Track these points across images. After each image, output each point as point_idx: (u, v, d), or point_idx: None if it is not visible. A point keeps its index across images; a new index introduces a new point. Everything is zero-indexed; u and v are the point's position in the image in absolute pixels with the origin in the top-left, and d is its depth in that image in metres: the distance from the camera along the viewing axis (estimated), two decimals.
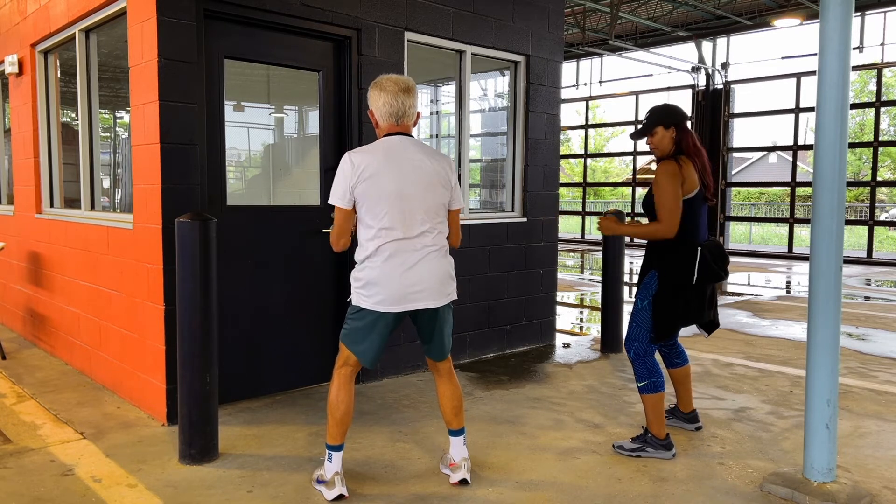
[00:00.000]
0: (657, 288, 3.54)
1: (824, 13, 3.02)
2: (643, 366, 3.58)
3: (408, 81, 3.07)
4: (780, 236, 18.33)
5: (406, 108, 3.04)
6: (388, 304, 2.99)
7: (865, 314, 8.16)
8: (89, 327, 4.90)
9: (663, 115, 3.60)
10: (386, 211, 2.95)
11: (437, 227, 3.07)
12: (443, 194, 3.08)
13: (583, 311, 8.97)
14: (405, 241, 2.98)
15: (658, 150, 3.61)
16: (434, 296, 3.05)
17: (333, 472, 3.09)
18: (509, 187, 5.95)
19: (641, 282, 3.66)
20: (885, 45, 14.96)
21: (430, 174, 3.03)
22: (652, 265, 3.61)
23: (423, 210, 3.01)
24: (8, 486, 3.17)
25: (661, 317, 3.53)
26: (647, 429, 3.61)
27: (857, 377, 5.21)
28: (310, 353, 4.69)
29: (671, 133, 3.56)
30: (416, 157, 3.03)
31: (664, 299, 3.52)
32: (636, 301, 3.64)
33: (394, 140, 3.04)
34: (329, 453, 3.11)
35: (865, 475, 3.38)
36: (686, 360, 3.95)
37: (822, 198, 3.07)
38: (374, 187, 2.94)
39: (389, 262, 2.97)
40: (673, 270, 3.52)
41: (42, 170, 5.66)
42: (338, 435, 3.10)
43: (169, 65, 3.85)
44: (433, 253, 3.04)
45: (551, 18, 5.97)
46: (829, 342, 3.10)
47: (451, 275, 3.14)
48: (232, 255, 4.25)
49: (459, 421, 3.26)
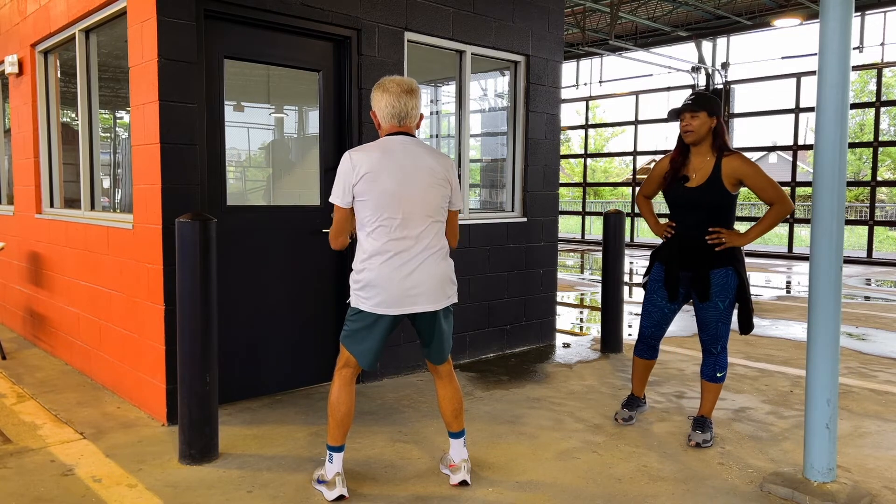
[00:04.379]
0: (738, 282, 3.59)
1: (824, 13, 3.02)
2: (726, 358, 3.75)
3: (411, 83, 3.06)
4: (780, 236, 18.33)
5: (408, 109, 3.03)
6: (387, 307, 2.98)
7: (865, 314, 8.16)
8: (89, 327, 4.90)
9: (713, 103, 3.60)
10: (385, 211, 2.94)
11: (437, 228, 3.05)
12: (443, 195, 3.06)
13: (583, 311, 8.97)
14: (404, 242, 2.97)
15: (693, 134, 3.58)
16: (433, 298, 3.03)
17: (334, 472, 3.09)
18: (509, 187, 5.95)
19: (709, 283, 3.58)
20: (885, 45, 14.97)
21: (429, 174, 3.01)
22: (722, 263, 3.57)
23: (423, 210, 2.99)
24: (8, 486, 3.17)
25: (748, 308, 3.63)
26: (706, 416, 3.81)
27: (857, 377, 5.21)
28: (310, 353, 4.69)
29: (712, 122, 3.57)
30: (417, 156, 3.01)
31: (744, 291, 3.61)
32: (716, 303, 3.60)
33: (395, 140, 3.03)
34: (330, 454, 3.10)
35: (865, 475, 3.38)
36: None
37: (822, 198, 3.07)
38: (373, 187, 2.93)
39: (388, 263, 2.96)
40: (743, 263, 3.63)
41: (42, 170, 5.66)
42: (339, 436, 3.10)
43: (169, 65, 3.85)
44: (433, 255, 3.02)
45: (551, 18, 5.97)
46: (829, 342, 3.09)
47: (451, 277, 3.12)
48: (232, 255, 4.25)
49: (459, 423, 3.25)
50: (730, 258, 3.57)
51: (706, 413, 3.82)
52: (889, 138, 25.09)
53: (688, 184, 3.63)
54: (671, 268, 3.73)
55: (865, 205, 17.22)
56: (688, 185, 3.63)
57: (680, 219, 3.72)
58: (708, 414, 3.82)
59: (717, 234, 3.55)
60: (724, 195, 3.56)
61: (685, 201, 3.66)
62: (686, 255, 3.66)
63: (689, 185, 3.62)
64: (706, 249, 3.59)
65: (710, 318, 3.64)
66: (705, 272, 3.59)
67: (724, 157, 3.56)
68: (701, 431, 3.75)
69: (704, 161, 3.61)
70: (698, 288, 3.63)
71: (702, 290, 3.61)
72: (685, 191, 3.64)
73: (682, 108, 3.60)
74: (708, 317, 3.64)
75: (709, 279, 3.58)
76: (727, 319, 3.64)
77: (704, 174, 3.59)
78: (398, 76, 3.10)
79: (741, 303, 3.63)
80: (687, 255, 3.66)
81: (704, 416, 3.82)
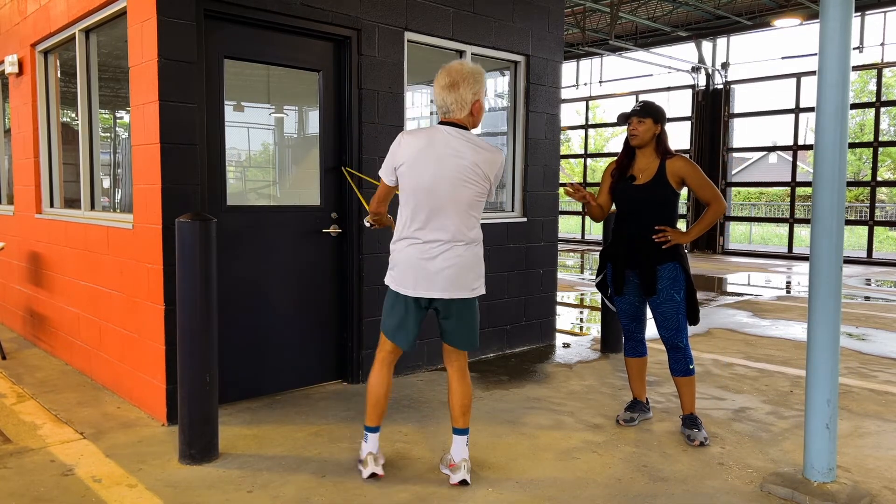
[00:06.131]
0: (685, 276, 3.78)
1: (824, 13, 3.02)
2: (691, 350, 3.88)
3: (456, 75, 3.05)
4: (780, 236, 18.34)
5: (448, 104, 3.09)
6: (406, 288, 3.12)
7: (865, 314, 8.16)
8: (89, 327, 4.90)
9: (659, 113, 3.86)
10: (417, 201, 3.07)
11: (468, 221, 3.12)
12: (476, 192, 3.10)
13: (583, 311, 8.97)
14: (432, 232, 3.08)
15: (637, 138, 3.84)
16: (453, 287, 3.11)
17: (368, 451, 3.25)
18: (509, 187, 5.95)
19: (655, 278, 3.77)
20: (885, 45, 14.96)
21: (466, 171, 3.05)
22: (667, 258, 3.76)
23: (454, 204, 3.07)
24: (8, 486, 3.17)
25: (695, 300, 3.82)
26: (693, 412, 3.88)
27: (857, 377, 5.21)
28: (310, 353, 4.69)
29: (656, 129, 3.83)
30: (458, 151, 3.05)
31: (691, 284, 3.81)
32: (672, 296, 3.76)
33: (441, 130, 3.09)
34: (365, 434, 3.28)
35: (865, 475, 3.38)
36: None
37: (822, 198, 3.07)
38: (411, 176, 3.06)
39: (412, 248, 3.10)
40: (685, 257, 3.83)
41: (42, 170, 5.66)
42: (373, 416, 3.26)
43: (169, 65, 3.85)
44: (459, 246, 3.10)
45: (551, 18, 5.97)
46: (829, 342, 3.10)
47: (477, 269, 3.18)
48: (232, 255, 4.25)
49: (465, 420, 3.29)
50: (674, 254, 3.77)
51: (692, 409, 3.89)
52: (889, 138, 25.07)
53: (635, 182, 3.86)
54: (618, 265, 3.91)
55: (865, 205, 17.22)
56: (635, 184, 3.86)
57: (627, 217, 3.91)
58: (694, 409, 3.90)
59: (663, 233, 3.75)
60: (669, 192, 3.80)
61: (633, 198, 3.88)
62: (633, 253, 3.84)
63: (637, 182, 3.85)
64: (652, 247, 3.78)
65: (669, 311, 3.79)
66: (652, 268, 3.78)
67: (667, 159, 3.81)
68: (698, 429, 3.79)
69: (650, 162, 3.85)
70: (645, 282, 3.80)
71: (649, 285, 3.79)
72: (633, 188, 3.87)
73: (630, 114, 3.86)
74: (667, 310, 3.79)
75: (655, 274, 3.77)
76: (685, 311, 3.81)
77: (650, 173, 3.82)
78: (454, 63, 3.11)
79: (688, 296, 3.83)
80: (634, 253, 3.84)
81: (692, 412, 3.89)
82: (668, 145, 3.86)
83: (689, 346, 3.85)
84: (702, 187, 3.77)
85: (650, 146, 3.84)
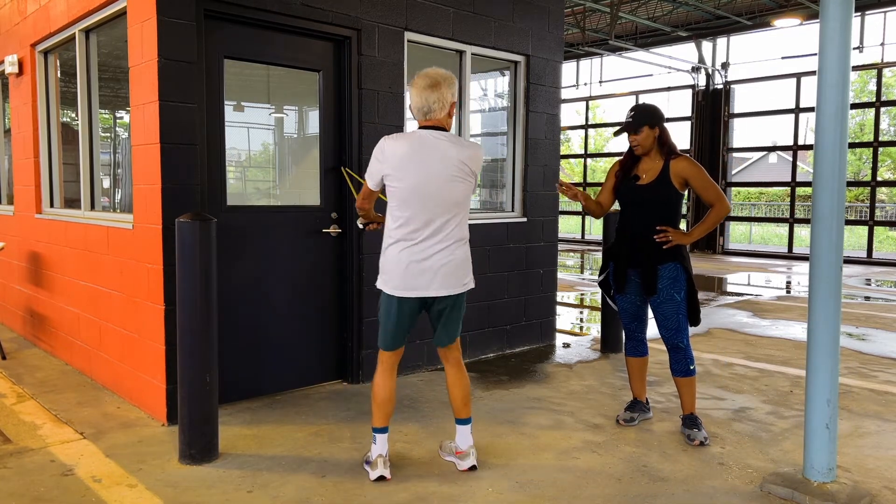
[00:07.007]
0: (686, 276, 3.77)
1: (824, 13, 3.02)
2: (692, 350, 3.87)
3: (435, 77, 3.15)
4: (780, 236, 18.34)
5: (430, 104, 3.14)
6: (401, 291, 3.15)
7: (865, 314, 8.16)
8: (89, 327, 4.90)
9: (650, 115, 3.81)
10: (407, 205, 3.10)
11: (457, 220, 3.19)
12: (465, 188, 3.18)
13: (583, 311, 8.97)
14: (422, 232, 3.12)
15: (640, 148, 3.81)
16: (446, 284, 3.18)
17: (377, 453, 3.25)
18: (509, 187, 5.95)
19: (656, 277, 3.76)
20: (885, 45, 14.95)
21: (453, 169, 3.12)
22: (668, 258, 3.76)
23: (444, 205, 3.13)
24: (8, 486, 3.17)
25: (696, 301, 3.81)
26: (693, 412, 3.87)
27: (857, 377, 5.21)
28: (310, 353, 4.69)
29: (655, 132, 3.79)
30: (443, 151, 3.11)
31: (692, 285, 3.80)
32: (672, 296, 3.76)
33: (423, 134, 3.14)
34: (373, 435, 3.29)
35: (865, 475, 3.38)
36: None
37: (822, 198, 3.07)
38: (398, 179, 3.09)
39: (405, 251, 3.13)
40: (687, 258, 3.82)
41: (42, 170, 5.66)
42: (380, 418, 3.27)
43: (169, 65, 3.85)
44: (450, 245, 3.17)
45: (551, 18, 5.97)
46: (829, 342, 3.10)
47: (467, 265, 3.25)
48: (232, 255, 4.25)
49: (467, 410, 3.37)
50: (675, 254, 3.77)
51: (692, 409, 3.89)
52: (889, 138, 25.06)
53: (639, 182, 3.85)
54: (620, 264, 3.91)
55: (865, 205, 17.21)
56: (639, 183, 3.84)
57: (630, 216, 3.91)
58: (694, 409, 3.90)
59: (665, 233, 3.73)
60: (673, 192, 3.78)
61: (636, 198, 3.87)
62: (635, 252, 3.84)
63: (640, 182, 3.84)
64: (654, 246, 3.77)
65: (670, 311, 3.78)
66: (653, 267, 3.77)
67: (672, 159, 3.79)
68: (698, 429, 3.79)
69: (654, 163, 3.84)
70: (646, 282, 3.80)
71: (649, 284, 3.78)
72: (637, 188, 3.86)
73: (622, 129, 3.84)
74: (667, 310, 3.79)
75: (656, 273, 3.76)
76: (685, 311, 3.80)
77: (654, 173, 3.81)
78: (431, 69, 3.19)
79: (689, 296, 3.82)
80: (636, 252, 3.83)
81: (692, 412, 3.88)
82: (671, 144, 3.83)
83: (690, 347, 3.85)
84: (705, 189, 3.75)
85: (654, 149, 3.82)
